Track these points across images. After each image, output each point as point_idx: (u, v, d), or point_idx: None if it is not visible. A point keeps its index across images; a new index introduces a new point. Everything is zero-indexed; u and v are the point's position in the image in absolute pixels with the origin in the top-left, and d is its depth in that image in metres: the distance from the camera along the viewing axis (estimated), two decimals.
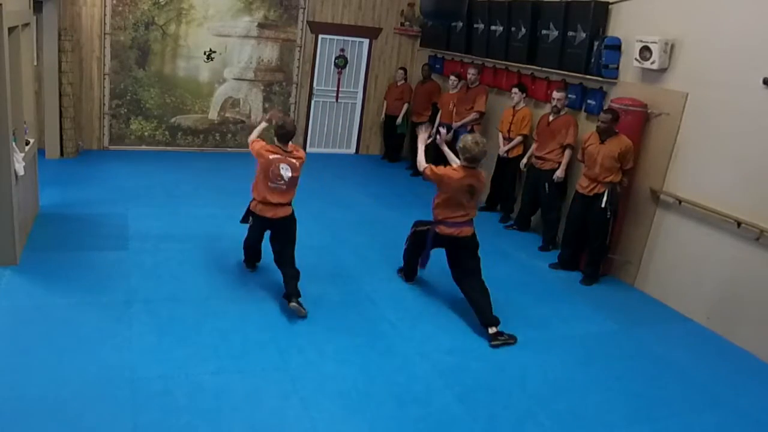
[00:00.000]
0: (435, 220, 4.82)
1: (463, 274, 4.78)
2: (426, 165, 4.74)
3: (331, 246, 5.94)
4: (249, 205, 4.81)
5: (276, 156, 4.59)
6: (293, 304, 4.48)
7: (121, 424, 3.20)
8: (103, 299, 4.46)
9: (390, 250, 5.75)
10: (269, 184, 4.60)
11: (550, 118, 6.38)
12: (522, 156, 7.00)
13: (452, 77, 8.11)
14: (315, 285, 5.08)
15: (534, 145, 6.63)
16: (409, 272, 5.33)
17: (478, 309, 4.62)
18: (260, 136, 4.89)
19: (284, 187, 4.63)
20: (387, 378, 3.91)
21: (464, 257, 4.78)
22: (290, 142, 4.73)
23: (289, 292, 4.55)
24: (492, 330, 4.51)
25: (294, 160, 4.63)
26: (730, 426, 3.83)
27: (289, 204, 4.76)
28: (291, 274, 4.64)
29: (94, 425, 3.18)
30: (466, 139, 4.66)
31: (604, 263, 5.85)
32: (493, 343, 4.46)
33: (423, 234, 4.96)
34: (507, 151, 7.06)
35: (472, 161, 4.61)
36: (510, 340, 4.51)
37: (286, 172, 4.59)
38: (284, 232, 4.75)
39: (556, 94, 6.32)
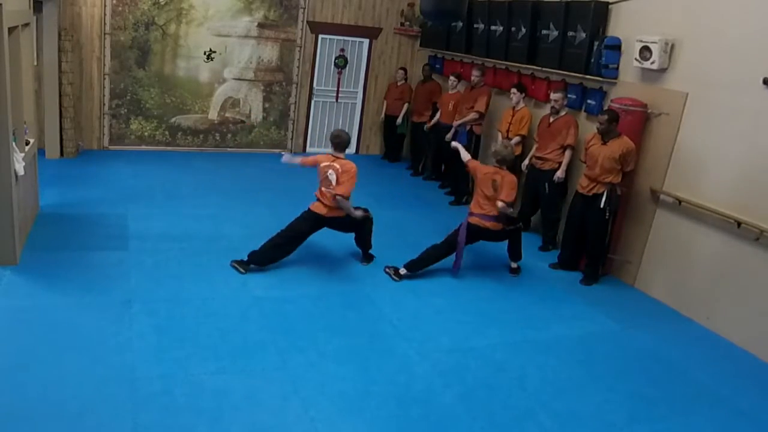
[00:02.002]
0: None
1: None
2: (468, 158, 5.84)
3: (330, 246, 5.94)
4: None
5: (325, 163, 5.24)
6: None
7: (121, 424, 3.20)
8: (103, 299, 4.46)
9: (390, 250, 5.75)
10: (323, 188, 5.23)
11: (551, 119, 6.37)
12: (521, 156, 6.99)
13: (452, 77, 8.10)
14: (315, 285, 5.10)
15: (535, 146, 6.63)
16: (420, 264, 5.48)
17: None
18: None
19: (333, 190, 5.20)
20: (387, 378, 3.91)
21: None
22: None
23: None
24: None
25: (338, 166, 5.17)
26: (730, 426, 3.83)
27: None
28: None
29: (94, 425, 3.18)
30: (497, 144, 5.79)
31: (604, 263, 5.85)
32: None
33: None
34: None
35: (501, 162, 5.44)
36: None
37: (332, 177, 5.15)
38: (345, 224, 5.38)
39: (553, 95, 6.31)
